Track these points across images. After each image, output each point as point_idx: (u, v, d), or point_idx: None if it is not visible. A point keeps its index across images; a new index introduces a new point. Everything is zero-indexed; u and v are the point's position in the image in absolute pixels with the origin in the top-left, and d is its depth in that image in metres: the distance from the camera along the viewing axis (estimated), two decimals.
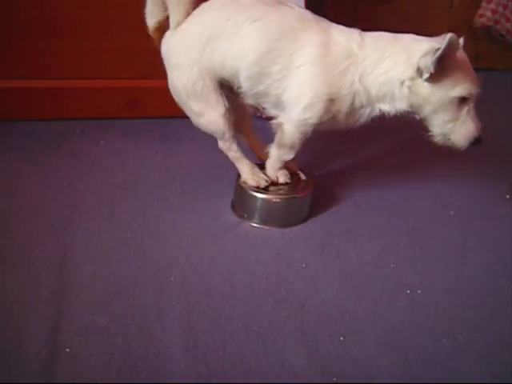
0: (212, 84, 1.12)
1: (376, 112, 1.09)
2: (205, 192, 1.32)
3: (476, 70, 1.03)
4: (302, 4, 1.65)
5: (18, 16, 1.47)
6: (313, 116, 1.08)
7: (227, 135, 1.17)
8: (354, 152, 1.59)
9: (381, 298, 1.01)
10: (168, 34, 1.13)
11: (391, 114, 1.08)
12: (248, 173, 1.21)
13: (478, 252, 1.17)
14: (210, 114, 1.14)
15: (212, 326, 0.91)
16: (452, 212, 1.32)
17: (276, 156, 1.19)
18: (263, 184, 1.20)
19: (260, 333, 0.91)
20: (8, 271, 1.00)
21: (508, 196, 1.40)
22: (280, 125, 1.13)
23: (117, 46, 1.57)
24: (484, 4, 2.28)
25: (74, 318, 0.91)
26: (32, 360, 0.82)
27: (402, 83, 1.02)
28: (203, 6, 1.10)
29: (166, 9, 1.10)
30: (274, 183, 1.21)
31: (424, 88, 1.01)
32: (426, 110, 1.05)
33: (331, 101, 1.06)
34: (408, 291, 1.03)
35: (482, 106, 1.06)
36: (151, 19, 1.14)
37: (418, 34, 1.06)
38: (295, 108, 1.09)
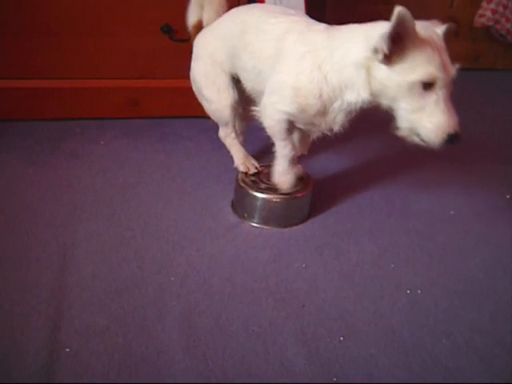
0: (224, 76, 1.23)
1: (345, 105, 1.03)
2: (205, 192, 1.32)
3: (476, 69, 1.02)
4: (302, 5, 1.66)
5: (17, 16, 1.47)
6: (279, 102, 1.08)
7: (230, 124, 1.28)
8: (354, 152, 1.59)
9: (381, 297, 1.01)
10: (202, 32, 1.29)
11: (358, 106, 1.03)
12: (240, 159, 1.29)
13: (478, 252, 1.17)
14: (218, 102, 1.25)
15: (212, 326, 0.91)
16: (452, 212, 1.32)
17: (278, 152, 1.16)
18: (252, 170, 1.26)
19: (260, 333, 0.91)
20: (8, 271, 1.00)
21: (508, 196, 1.40)
22: (259, 113, 1.16)
23: (117, 46, 1.57)
24: (484, 4, 2.28)
25: (74, 317, 0.90)
26: (32, 360, 0.82)
27: (359, 65, 0.96)
28: (228, 11, 1.24)
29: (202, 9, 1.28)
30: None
31: (381, 71, 0.93)
32: (386, 98, 0.97)
33: (295, 89, 1.05)
34: (408, 291, 1.03)
35: (483, 106, 1.06)
36: (192, 17, 1.31)
37: None
38: (265, 95, 1.12)
